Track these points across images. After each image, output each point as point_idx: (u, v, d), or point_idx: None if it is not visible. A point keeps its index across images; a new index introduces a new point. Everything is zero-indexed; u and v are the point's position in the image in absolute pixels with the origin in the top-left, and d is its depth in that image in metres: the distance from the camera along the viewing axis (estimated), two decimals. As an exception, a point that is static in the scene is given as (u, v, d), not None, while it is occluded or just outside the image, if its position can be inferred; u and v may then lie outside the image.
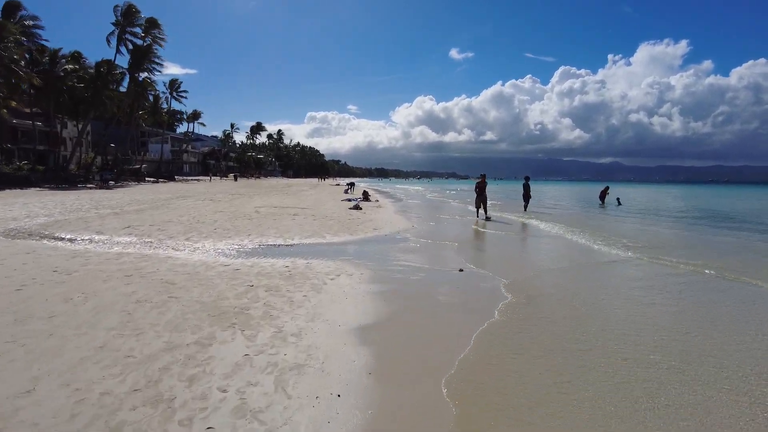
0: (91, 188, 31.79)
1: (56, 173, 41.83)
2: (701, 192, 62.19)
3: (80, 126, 48.76)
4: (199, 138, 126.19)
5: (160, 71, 55.16)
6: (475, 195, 15.64)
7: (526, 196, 18.34)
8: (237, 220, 12.58)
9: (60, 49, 42.76)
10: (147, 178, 58.50)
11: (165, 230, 10.40)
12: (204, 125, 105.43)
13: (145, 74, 53.86)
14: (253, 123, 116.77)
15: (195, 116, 69.62)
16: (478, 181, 15.84)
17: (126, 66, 49.95)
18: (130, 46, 49.97)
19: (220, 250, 8.07)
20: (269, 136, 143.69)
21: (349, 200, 23.09)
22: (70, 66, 43.17)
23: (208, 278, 5.77)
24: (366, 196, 24.03)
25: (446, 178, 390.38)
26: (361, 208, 17.60)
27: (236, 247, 8.50)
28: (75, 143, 49.61)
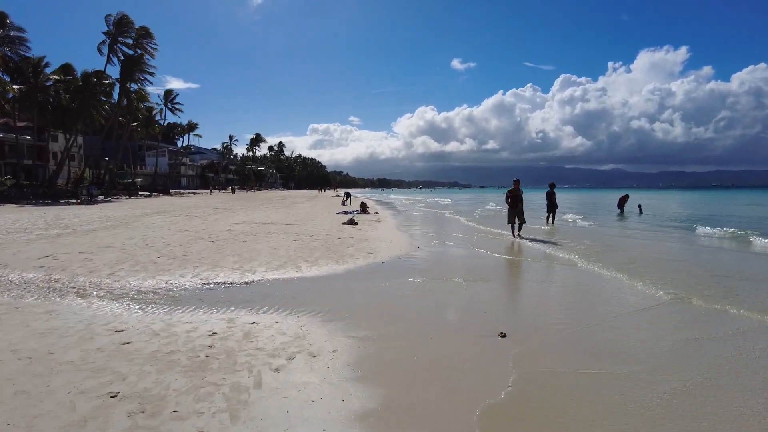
0: (74, 203, 29.39)
1: (41, 189, 39.66)
2: (713, 197, 59.06)
3: (69, 139, 46.61)
4: (200, 151, 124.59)
5: (151, 82, 53.47)
6: (507, 207, 12.28)
7: (552, 206, 15.48)
8: (196, 243, 10.00)
9: (43, 57, 40.79)
10: (141, 192, 56.21)
11: (92, 260, 7.85)
12: (200, 137, 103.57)
13: (137, 85, 52.21)
14: (255, 136, 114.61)
15: (191, 128, 67.56)
16: (509, 190, 12.33)
17: (117, 76, 48.08)
18: (122, 57, 48.22)
19: (138, 295, 5.50)
20: (270, 148, 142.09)
21: (345, 213, 20.54)
22: (55, 76, 41.17)
23: (51, 370, 3.18)
24: (364, 208, 21.47)
25: (448, 188, 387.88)
26: (356, 223, 15.03)
27: (165, 287, 5.91)
28: (63, 157, 47.43)
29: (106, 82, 46.05)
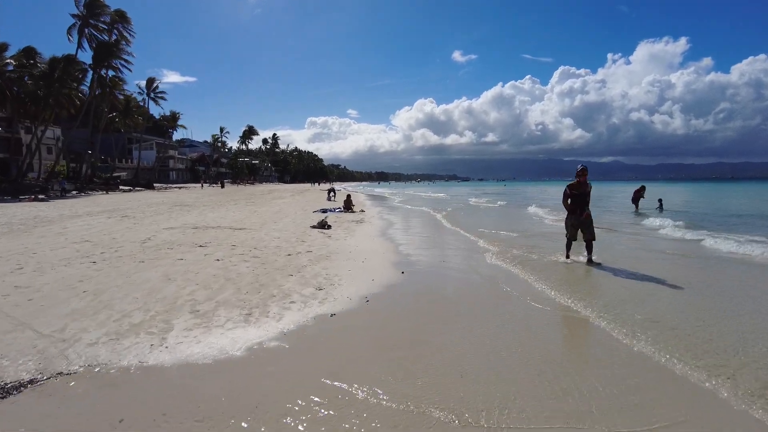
0: (27, 200, 26.03)
1: (2, 183, 36.24)
2: (719, 189, 55.56)
3: (39, 130, 43.02)
4: (193, 144, 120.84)
5: (130, 70, 49.69)
6: (567, 213, 7.67)
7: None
8: (69, 266, 6.67)
9: (4, 43, 37.17)
10: (122, 187, 52.71)
11: None
12: (185, 128, 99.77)
13: (114, 73, 48.50)
14: (261, 130, 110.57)
15: (174, 118, 63.76)
16: (569, 184, 7.60)
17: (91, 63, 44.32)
18: (95, 44, 44.45)
19: None
20: (264, 141, 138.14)
21: (324, 211, 17.24)
22: (15, 62, 37.53)
23: None
24: (348, 206, 18.14)
25: (447, 180, 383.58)
26: (329, 226, 11.71)
27: None
28: (30, 149, 43.92)
29: (78, 68, 42.32)
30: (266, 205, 21.86)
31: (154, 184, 62.82)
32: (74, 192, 40.66)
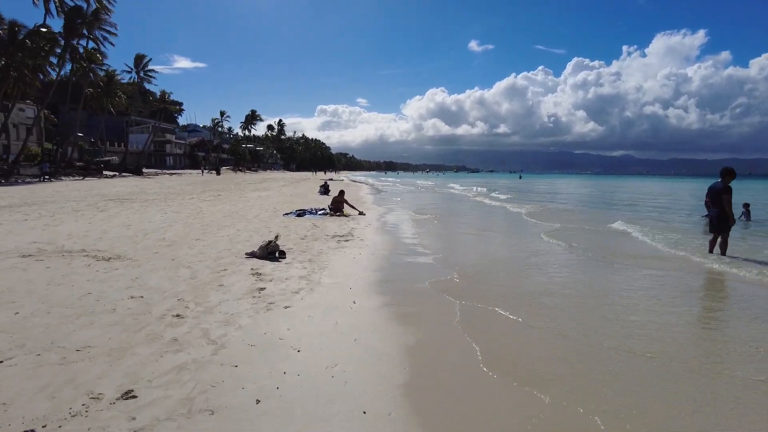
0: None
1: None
2: (759, 188, 48.95)
3: (10, 108, 38.11)
4: (196, 129, 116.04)
5: (112, 43, 44.56)
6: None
7: (722, 218, 6.79)
8: None
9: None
10: (105, 172, 47.93)
11: None
12: (178, 108, 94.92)
13: (95, 45, 43.35)
14: (270, 117, 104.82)
15: (164, 99, 58.70)
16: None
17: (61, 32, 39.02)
18: (67, 9, 39.11)
19: None
20: (269, 127, 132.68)
21: (301, 214, 12.05)
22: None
23: None
24: (337, 207, 12.84)
25: (456, 171, 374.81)
26: (281, 255, 6.46)
27: None
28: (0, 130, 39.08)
29: (48, 36, 36.95)
30: (233, 200, 16.72)
31: (144, 170, 58.10)
32: (45, 177, 36.30)
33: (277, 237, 6.64)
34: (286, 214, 12.04)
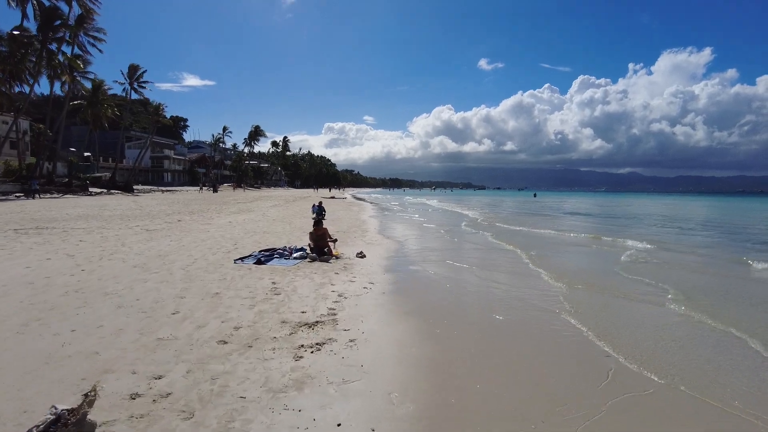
0: None
1: None
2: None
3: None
4: (199, 145, 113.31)
5: (100, 50, 41.35)
6: None
7: None
8: None
9: None
10: (93, 189, 44.30)
11: None
12: (184, 123, 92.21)
13: (80, 51, 40.19)
14: (277, 135, 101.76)
15: (157, 112, 55.50)
16: None
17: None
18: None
19: None
20: (273, 143, 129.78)
21: (263, 259, 7.84)
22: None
23: None
24: (320, 245, 8.59)
25: (461, 188, 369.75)
26: None
27: None
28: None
29: (25, 37, 33.40)
30: (190, 229, 12.53)
31: (138, 186, 54.55)
32: (18, 194, 32.86)
33: (93, 391, 2.41)
34: (241, 259, 7.78)
